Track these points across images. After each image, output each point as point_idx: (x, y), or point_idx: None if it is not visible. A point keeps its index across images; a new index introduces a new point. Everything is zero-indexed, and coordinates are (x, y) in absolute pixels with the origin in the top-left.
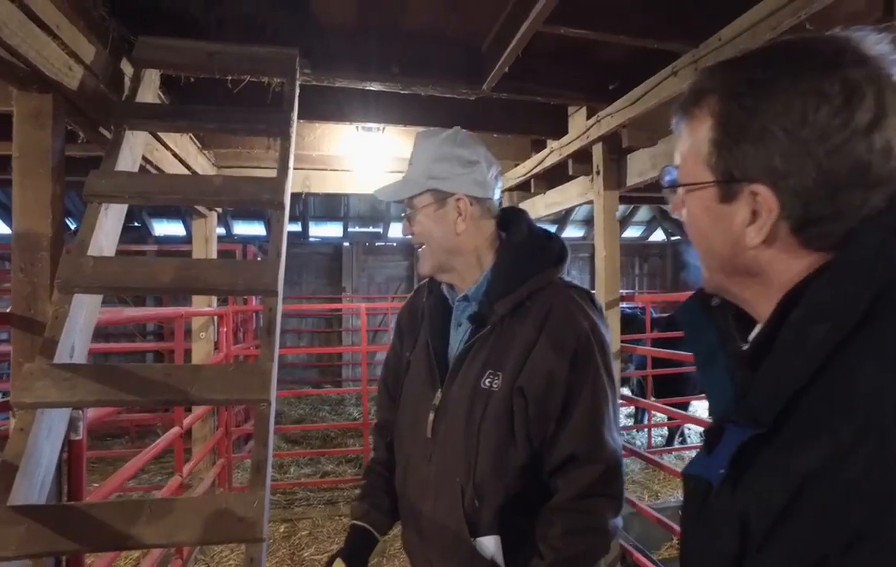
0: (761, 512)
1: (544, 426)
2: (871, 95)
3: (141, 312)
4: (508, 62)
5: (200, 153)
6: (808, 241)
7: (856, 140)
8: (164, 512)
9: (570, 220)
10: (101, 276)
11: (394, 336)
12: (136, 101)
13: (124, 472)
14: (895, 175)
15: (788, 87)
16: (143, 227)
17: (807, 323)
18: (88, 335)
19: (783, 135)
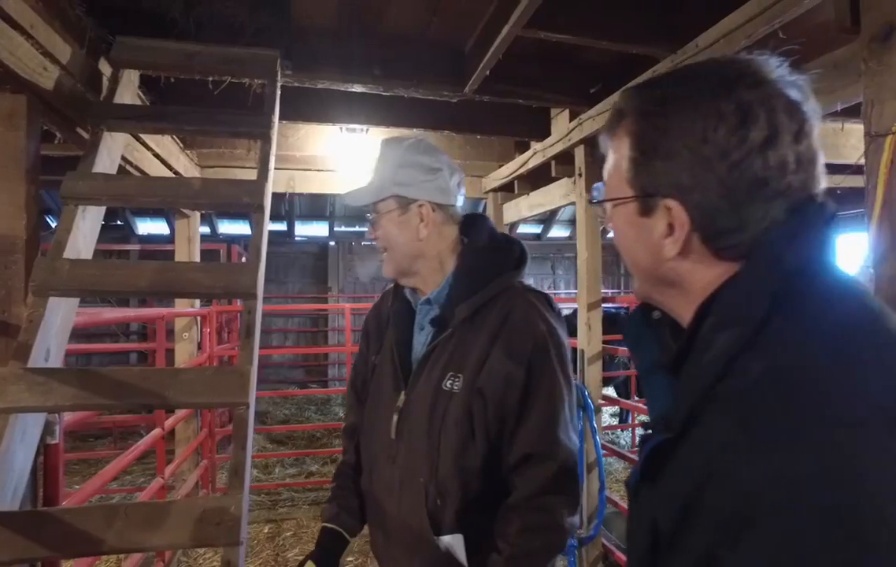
0: (665, 514)
1: (502, 426)
2: (764, 116)
3: (122, 313)
4: (490, 65)
5: (183, 153)
6: (720, 251)
7: (752, 157)
8: (140, 516)
9: (555, 220)
10: (77, 279)
11: (361, 340)
12: (114, 101)
13: (104, 474)
14: (792, 188)
15: (691, 108)
16: (126, 226)
17: (714, 331)
18: (64, 339)
19: (687, 153)
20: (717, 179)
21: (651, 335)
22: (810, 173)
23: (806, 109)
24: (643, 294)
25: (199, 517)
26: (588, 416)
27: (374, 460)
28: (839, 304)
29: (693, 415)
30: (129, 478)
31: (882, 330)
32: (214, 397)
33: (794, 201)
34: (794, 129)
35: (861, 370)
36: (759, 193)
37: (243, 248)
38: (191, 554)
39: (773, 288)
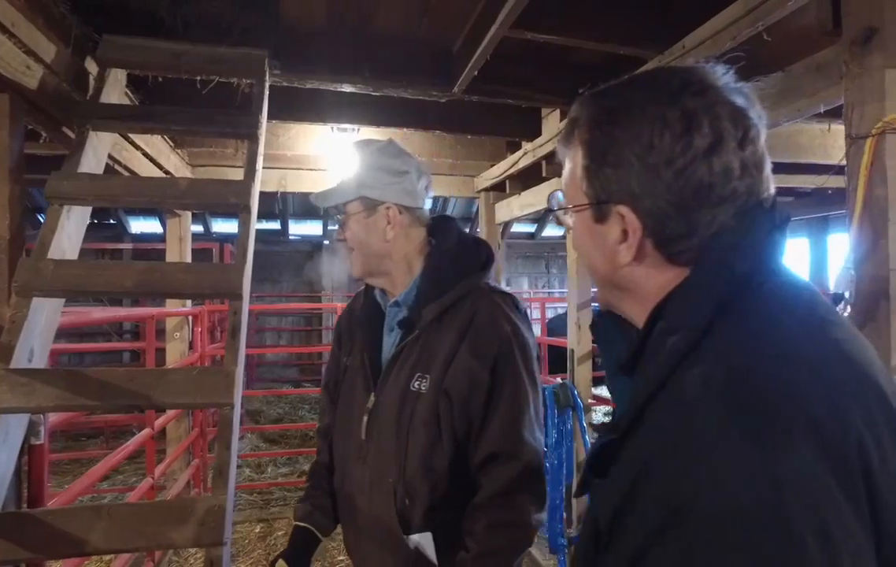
0: (606, 512)
1: (468, 426)
2: (708, 123)
3: (111, 313)
4: (478, 65)
5: (173, 153)
6: (672, 256)
7: (696, 163)
8: (123, 517)
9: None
10: (61, 280)
11: (333, 342)
12: (100, 101)
13: (91, 474)
14: (738, 193)
15: (638, 116)
16: (118, 225)
17: (664, 334)
18: (49, 339)
19: (636, 160)
20: (664, 185)
21: (620, 337)
22: (757, 178)
23: (751, 115)
24: (603, 300)
25: (183, 517)
26: (578, 414)
27: (345, 460)
28: (784, 314)
29: (638, 417)
30: (122, 478)
31: (825, 340)
32: (199, 398)
33: (742, 206)
34: (738, 136)
35: (797, 387)
36: (705, 199)
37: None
38: (181, 553)
39: (718, 293)
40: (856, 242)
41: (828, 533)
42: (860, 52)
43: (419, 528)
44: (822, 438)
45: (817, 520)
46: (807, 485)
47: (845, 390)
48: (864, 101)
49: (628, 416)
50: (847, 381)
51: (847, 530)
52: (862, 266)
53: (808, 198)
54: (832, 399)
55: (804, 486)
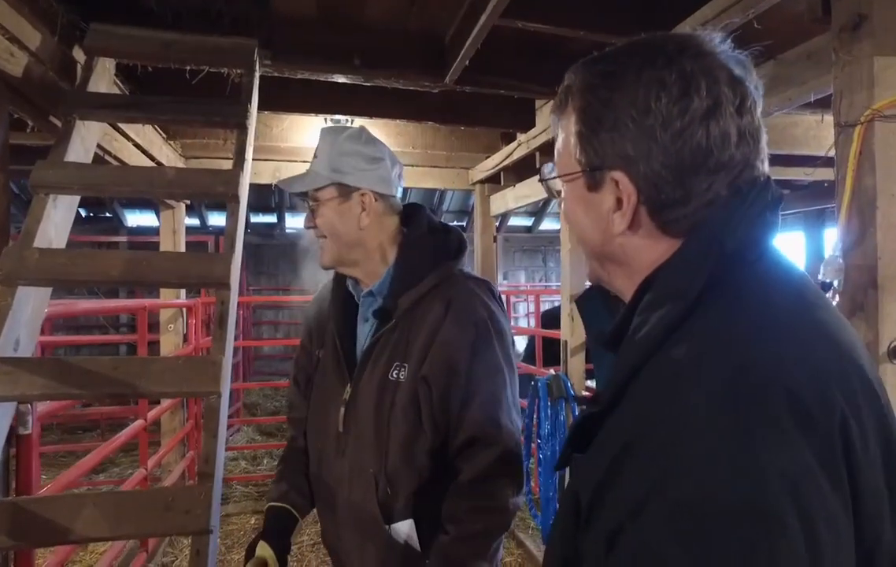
0: (585, 491)
1: (447, 412)
2: (705, 86)
3: (101, 304)
4: (469, 55)
5: (166, 144)
6: (665, 225)
7: (694, 126)
8: (109, 505)
9: (547, 213)
10: (46, 269)
11: (303, 334)
12: (88, 90)
13: (82, 465)
14: (734, 161)
15: (634, 79)
16: (114, 218)
17: (650, 309)
18: (36, 328)
19: (632, 123)
20: (660, 148)
21: (606, 314)
22: (753, 149)
23: (748, 85)
24: (594, 274)
25: (169, 506)
26: (570, 406)
27: (322, 453)
28: (774, 294)
29: (621, 391)
30: (117, 470)
31: (813, 322)
32: (186, 387)
33: (737, 178)
34: (736, 102)
35: (785, 369)
36: (702, 164)
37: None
38: (176, 544)
39: (709, 268)
40: (844, 231)
41: (812, 518)
42: (849, 40)
43: (402, 517)
44: (808, 422)
45: (801, 506)
46: (792, 471)
47: (831, 373)
48: (853, 88)
49: (610, 390)
50: (832, 364)
51: (830, 514)
52: (850, 255)
53: (804, 190)
54: (819, 382)
55: (790, 473)
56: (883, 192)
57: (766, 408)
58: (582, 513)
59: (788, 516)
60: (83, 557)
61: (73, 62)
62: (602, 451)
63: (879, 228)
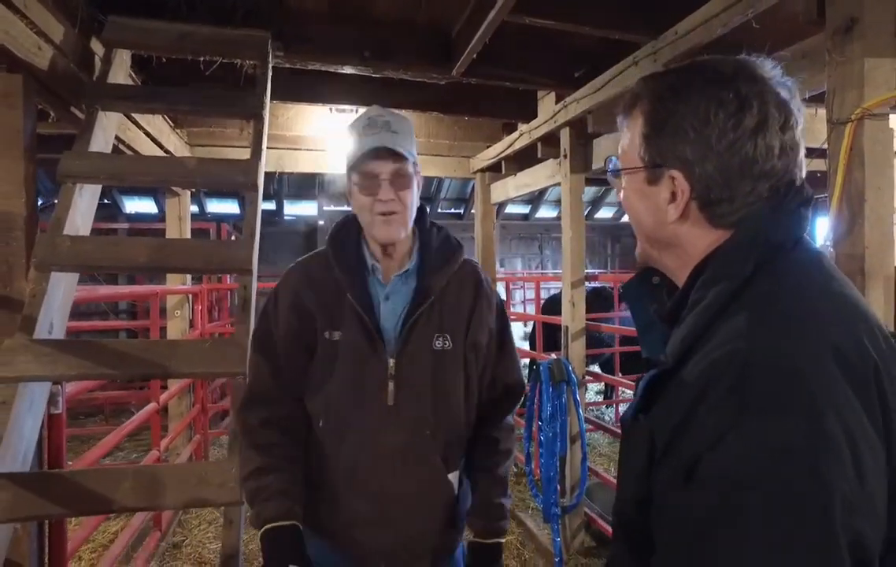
0: (661, 431)
1: (485, 370)
2: (757, 106)
3: (116, 290)
4: (476, 49)
5: (173, 132)
6: (713, 218)
7: (744, 140)
8: (147, 478)
9: (543, 201)
10: (77, 255)
11: (289, 314)
12: (108, 81)
13: (100, 447)
14: (776, 170)
15: (697, 95)
16: (113, 205)
17: (707, 286)
18: (66, 313)
19: (692, 131)
20: (715, 155)
21: (649, 296)
22: (792, 160)
23: (792, 106)
24: (643, 255)
25: (202, 479)
26: (572, 389)
27: (362, 436)
28: (809, 273)
29: (688, 352)
30: (122, 454)
31: (841, 294)
32: (213, 367)
33: (777, 183)
34: (781, 121)
35: (825, 323)
36: (748, 171)
37: (232, 228)
38: (185, 524)
39: (758, 253)
40: (835, 222)
41: (858, 445)
42: (842, 41)
43: (454, 468)
44: (851, 371)
45: (849, 435)
46: (843, 409)
47: (862, 332)
48: (845, 87)
49: (677, 353)
50: (861, 324)
51: (871, 445)
52: (840, 244)
53: None
54: (854, 339)
55: (841, 410)
56: (871, 186)
57: (811, 350)
58: (656, 454)
59: (841, 442)
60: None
61: (91, 54)
62: (676, 400)
63: (867, 220)
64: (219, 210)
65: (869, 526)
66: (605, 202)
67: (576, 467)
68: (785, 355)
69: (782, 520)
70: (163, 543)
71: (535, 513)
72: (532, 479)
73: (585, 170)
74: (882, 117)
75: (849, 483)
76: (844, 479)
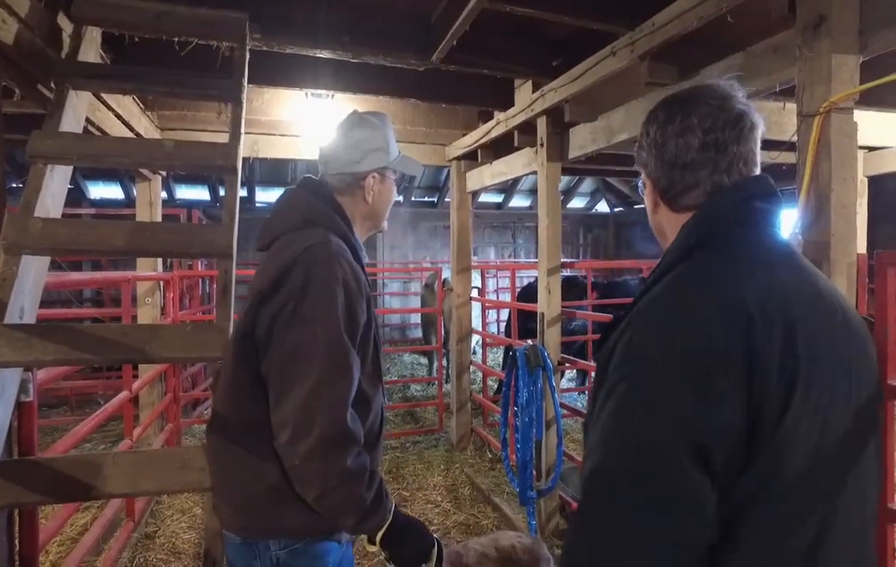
0: (599, 372)
1: None
2: (680, 118)
3: (88, 276)
4: (457, 35)
5: (144, 115)
6: (671, 205)
7: (669, 141)
8: (127, 463)
9: (516, 191)
10: (50, 238)
11: (363, 303)
12: (78, 59)
13: (71, 437)
14: (695, 162)
15: (650, 116)
16: (76, 190)
17: (665, 255)
18: (37, 297)
19: (644, 141)
20: (654, 157)
21: None
22: (714, 158)
23: (720, 115)
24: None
25: (184, 464)
26: (547, 375)
27: (382, 410)
28: (736, 256)
29: (629, 312)
30: (89, 446)
31: (766, 268)
32: (194, 352)
33: (713, 176)
34: (705, 126)
35: (726, 288)
36: (681, 165)
37: (203, 214)
38: (158, 515)
39: (698, 233)
40: (803, 211)
41: (709, 385)
42: (811, 37)
43: None
44: (724, 320)
45: (701, 369)
46: (700, 346)
47: (763, 299)
48: (814, 82)
49: (624, 312)
50: (766, 292)
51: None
52: (808, 231)
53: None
54: (758, 301)
55: (699, 347)
56: (837, 177)
57: (695, 314)
58: (600, 381)
59: (689, 378)
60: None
61: (58, 30)
62: (610, 344)
63: (833, 209)
64: (188, 196)
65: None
66: (577, 192)
67: (551, 452)
68: (674, 314)
69: (635, 397)
70: (135, 534)
71: (511, 497)
72: (508, 464)
73: (562, 158)
74: (847, 111)
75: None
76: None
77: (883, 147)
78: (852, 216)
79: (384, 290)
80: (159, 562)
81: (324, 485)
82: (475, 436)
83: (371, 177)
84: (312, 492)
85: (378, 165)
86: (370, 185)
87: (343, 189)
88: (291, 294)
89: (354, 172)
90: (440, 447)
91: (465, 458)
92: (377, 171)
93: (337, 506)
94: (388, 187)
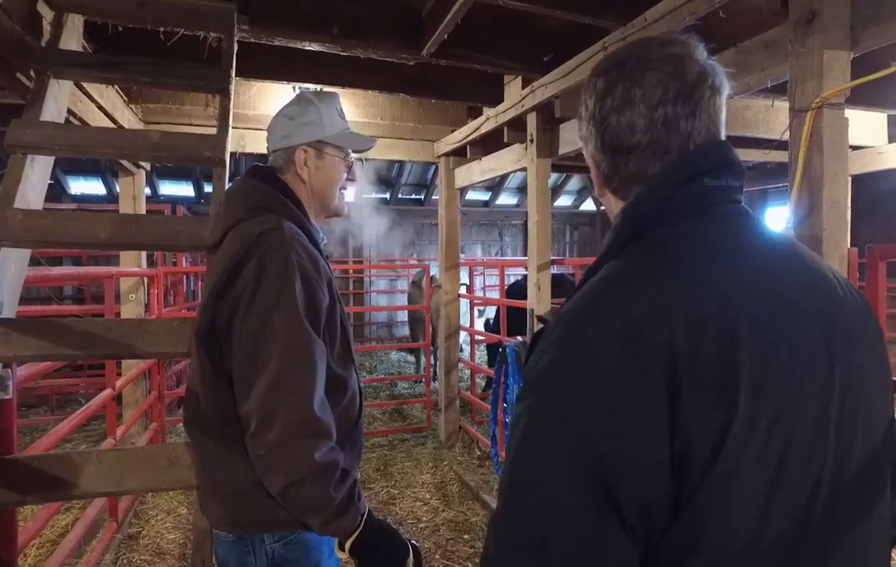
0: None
1: None
2: (620, 89)
3: (71, 271)
4: (448, 29)
5: (127, 107)
6: (615, 191)
7: (611, 118)
8: (112, 461)
9: (503, 188)
10: (30, 230)
11: (324, 285)
12: (59, 47)
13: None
14: (640, 145)
15: (586, 83)
16: (57, 185)
17: (600, 251)
18: (17, 291)
19: (584, 112)
20: (597, 134)
21: None
22: (662, 134)
23: (670, 83)
24: None
25: (172, 461)
26: None
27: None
28: (665, 250)
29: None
30: (70, 446)
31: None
32: (181, 347)
33: (661, 160)
34: (653, 99)
35: (627, 302)
36: (619, 146)
37: (187, 210)
38: (142, 515)
39: (631, 227)
40: (795, 205)
41: (610, 387)
42: (803, 33)
43: None
44: (635, 335)
45: (604, 372)
46: (606, 347)
47: (675, 306)
48: (806, 77)
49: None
50: (682, 301)
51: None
52: (801, 226)
53: (750, 171)
54: (656, 314)
55: (606, 349)
56: (828, 172)
57: (603, 313)
58: None
59: (591, 378)
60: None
61: (38, 17)
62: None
63: (825, 204)
64: (173, 192)
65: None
66: (564, 190)
67: None
68: (576, 316)
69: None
70: (118, 535)
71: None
72: (497, 460)
73: (552, 155)
74: (839, 106)
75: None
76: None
77: (866, 146)
78: (844, 211)
79: (371, 288)
80: (143, 563)
81: (290, 476)
82: (463, 433)
83: (301, 151)
84: (279, 483)
85: (308, 139)
86: (301, 159)
87: (282, 167)
88: (246, 284)
89: (286, 147)
90: (428, 445)
91: (453, 456)
92: (308, 145)
93: (302, 501)
94: (327, 164)
